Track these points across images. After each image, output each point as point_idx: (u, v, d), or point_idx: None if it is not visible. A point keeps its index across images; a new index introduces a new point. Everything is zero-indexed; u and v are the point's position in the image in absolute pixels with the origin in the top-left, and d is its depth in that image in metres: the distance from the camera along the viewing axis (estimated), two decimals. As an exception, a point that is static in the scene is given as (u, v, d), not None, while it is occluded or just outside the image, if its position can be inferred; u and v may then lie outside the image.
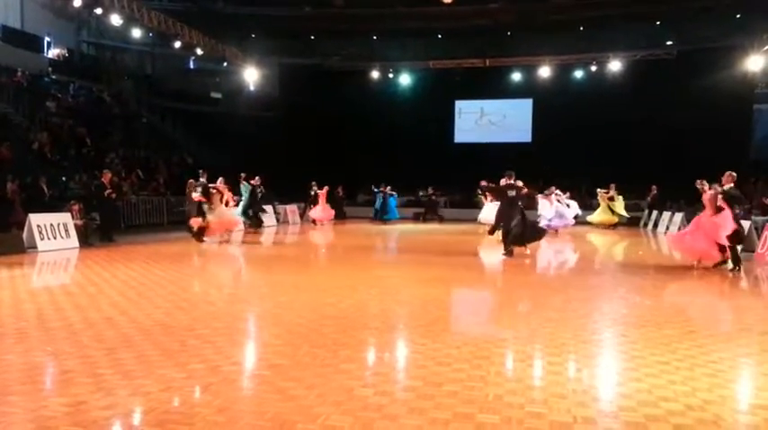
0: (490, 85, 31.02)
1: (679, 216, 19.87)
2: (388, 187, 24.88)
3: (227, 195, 16.04)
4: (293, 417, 3.78)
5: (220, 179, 15.94)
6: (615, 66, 27.94)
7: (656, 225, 22.01)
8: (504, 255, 12.46)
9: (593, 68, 28.88)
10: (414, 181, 28.98)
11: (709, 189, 11.02)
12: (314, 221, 23.11)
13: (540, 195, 18.79)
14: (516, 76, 30.41)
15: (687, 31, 27.59)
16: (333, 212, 23.97)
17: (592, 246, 17.05)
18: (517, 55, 29.55)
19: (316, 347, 5.38)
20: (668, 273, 10.87)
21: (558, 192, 20.06)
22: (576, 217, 20.78)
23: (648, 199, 23.66)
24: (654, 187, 23.32)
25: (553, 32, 28.98)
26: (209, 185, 15.24)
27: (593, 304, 7.80)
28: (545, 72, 28.63)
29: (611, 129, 26.90)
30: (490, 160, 29.43)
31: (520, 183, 13.29)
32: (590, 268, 12.34)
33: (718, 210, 10.58)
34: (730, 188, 10.57)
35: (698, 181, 11.63)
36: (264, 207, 21.50)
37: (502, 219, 13.26)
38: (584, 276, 10.75)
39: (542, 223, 18.39)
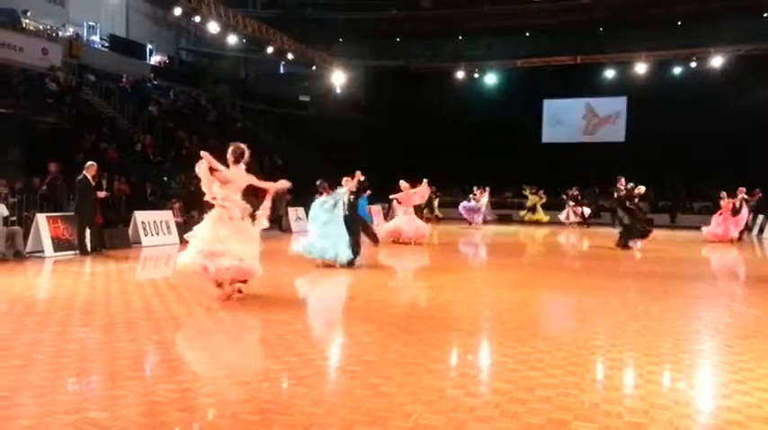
0: (581, 84, 30.09)
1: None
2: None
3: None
4: (386, 414, 3.83)
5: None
6: (717, 61, 26.32)
7: (761, 230, 20.60)
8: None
9: (693, 65, 27.37)
10: (500, 182, 28.56)
11: None
12: None
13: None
14: (609, 74, 29.29)
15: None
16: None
17: (692, 253, 16.17)
18: (610, 51, 28.47)
19: (405, 346, 5.43)
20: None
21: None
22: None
23: (753, 202, 22.14)
24: (758, 190, 21.82)
25: (649, 27, 27.73)
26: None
27: (694, 312, 7.41)
28: (641, 69, 27.40)
29: (711, 130, 25.41)
30: (579, 161, 28.64)
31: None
32: (690, 275, 11.73)
33: None
34: None
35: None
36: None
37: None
38: (685, 283, 10.21)
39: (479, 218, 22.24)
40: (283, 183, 7.93)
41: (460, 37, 31.99)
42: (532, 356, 5.13)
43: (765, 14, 26.51)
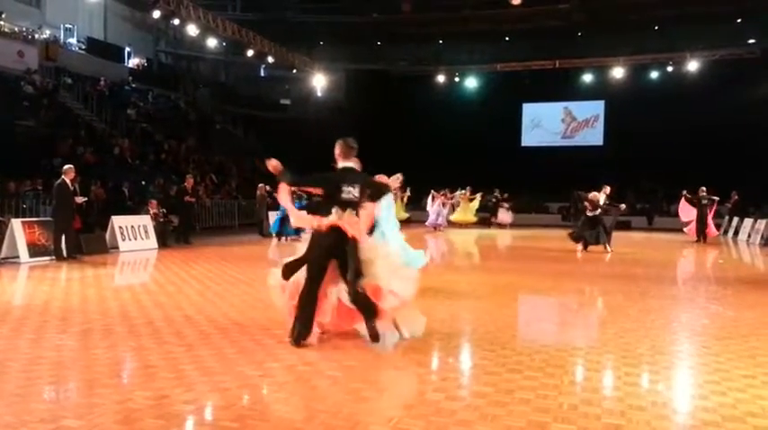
0: (560, 88, 30.44)
1: (762, 223, 18.85)
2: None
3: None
4: (366, 418, 3.82)
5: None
6: (693, 66, 26.80)
7: (736, 232, 20.95)
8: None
9: (670, 69, 27.81)
10: (480, 185, 28.70)
11: None
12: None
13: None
14: (588, 78, 29.68)
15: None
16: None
17: (670, 255, 16.39)
18: (588, 56, 28.83)
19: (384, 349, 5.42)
20: (750, 283, 10.33)
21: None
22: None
23: (729, 205, 22.55)
24: (734, 193, 22.23)
25: (626, 32, 28.12)
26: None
27: (671, 314, 7.50)
28: (618, 73, 27.79)
29: (688, 133, 25.85)
30: (558, 164, 28.94)
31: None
32: (668, 277, 11.88)
33: None
34: None
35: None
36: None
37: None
38: (663, 285, 10.34)
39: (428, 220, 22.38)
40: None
41: (441, 41, 32.15)
42: (512, 359, 5.15)
43: (739, 20, 27.02)
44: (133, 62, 29.15)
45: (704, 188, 18.62)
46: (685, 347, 5.85)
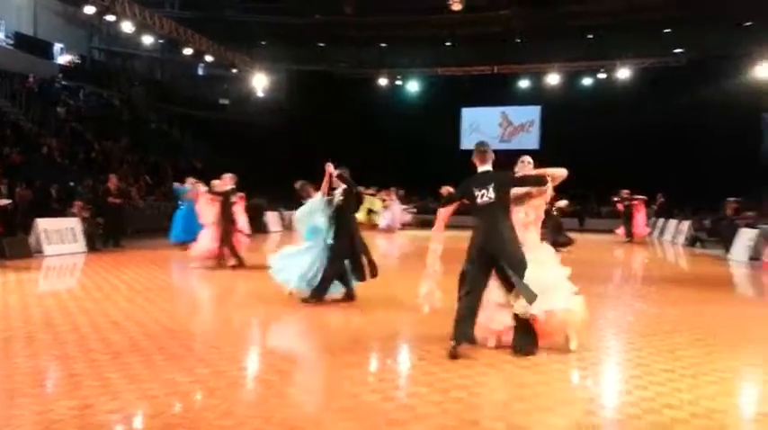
0: (499, 92, 31.06)
1: (686, 224, 19.79)
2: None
3: None
4: (299, 423, 3.79)
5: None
6: (624, 73, 27.87)
7: (662, 233, 21.92)
8: None
9: (602, 76, 28.83)
10: (419, 189, 29.00)
11: None
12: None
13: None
14: (524, 83, 30.40)
15: (697, 39, 27.51)
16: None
17: (599, 256, 16.97)
18: (526, 62, 29.56)
19: (321, 353, 5.40)
20: (674, 282, 10.82)
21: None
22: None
23: (655, 207, 23.58)
24: (660, 195, 23.25)
25: (562, 40, 28.98)
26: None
27: (598, 312, 7.76)
28: (553, 79, 28.60)
29: (619, 137, 26.86)
30: (496, 168, 29.56)
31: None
32: (596, 277, 12.28)
33: None
34: None
35: None
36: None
37: None
38: (590, 284, 10.68)
39: (382, 223, 22.19)
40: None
41: (383, 44, 32.29)
42: (447, 358, 5.21)
43: (666, 30, 28.31)
44: (65, 59, 27.96)
45: (626, 190, 19.51)
46: (611, 343, 6.07)
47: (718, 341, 6.07)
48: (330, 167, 7.74)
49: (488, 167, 5.70)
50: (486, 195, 5.43)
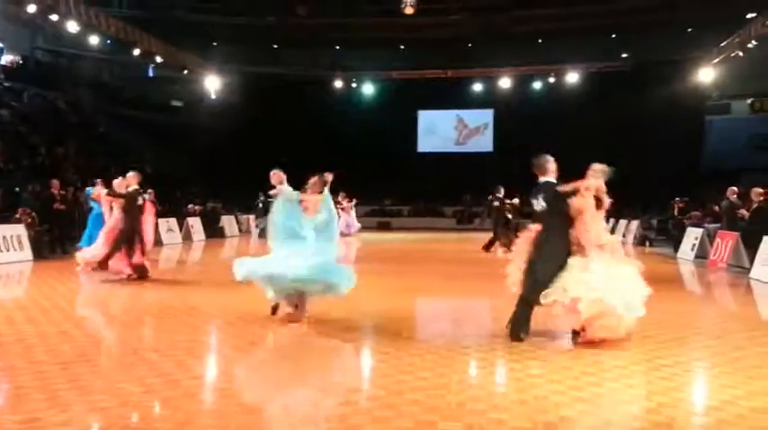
0: (452, 96, 31.38)
1: (635, 223, 20.40)
2: None
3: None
4: (255, 430, 3.74)
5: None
6: (572, 77, 28.54)
7: (612, 233, 22.51)
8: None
9: (552, 80, 29.46)
10: (376, 191, 29.08)
11: None
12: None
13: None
14: (477, 87, 30.81)
15: (641, 45, 28.43)
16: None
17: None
18: (478, 66, 29.98)
19: (278, 359, 5.34)
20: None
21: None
22: None
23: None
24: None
25: (513, 44, 29.51)
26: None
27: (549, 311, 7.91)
28: (505, 83, 29.08)
29: (568, 140, 27.44)
30: (453, 170, 29.90)
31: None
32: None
33: None
34: None
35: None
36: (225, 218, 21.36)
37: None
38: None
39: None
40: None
41: (338, 47, 32.24)
42: (404, 361, 5.23)
43: (613, 35, 29.16)
44: (6, 59, 26.92)
45: None
46: (565, 342, 6.19)
47: (667, 337, 6.26)
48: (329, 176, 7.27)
49: (547, 178, 6.20)
50: (539, 204, 6.07)
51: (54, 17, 21.61)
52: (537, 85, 30.15)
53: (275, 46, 32.36)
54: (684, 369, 5.15)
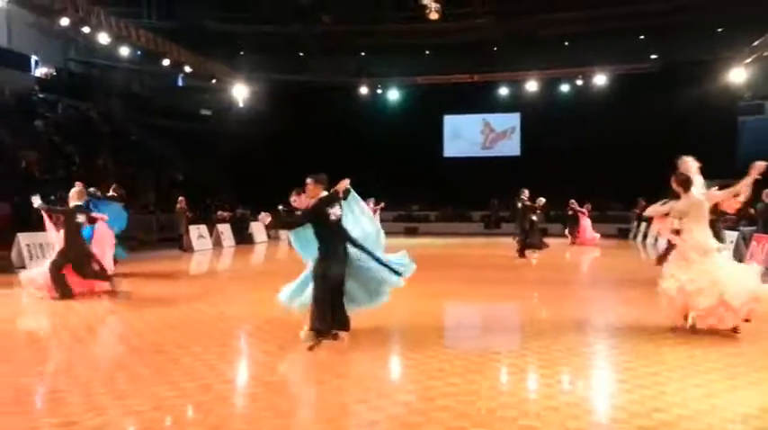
0: (478, 100, 31.30)
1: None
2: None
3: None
4: (287, 435, 3.77)
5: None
6: (600, 80, 28.25)
7: (645, 237, 22.20)
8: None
9: (579, 82, 29.19)
10: (403, 196, 29.06)
11: None
12: None
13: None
14: (504, 91, 30.68)
15: (671, 45, 28.00)
16: None
17: (583, 260, 17.12)
18: (504, 70, 29.85)
19: (308, 364, 5.37)
20: (655, 286, 10.90)
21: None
22: None
23: (637, 211, 23.89)
24: (641, 199, 23.55)
25: (539, 47, 29.30)
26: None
27: (584, 316, 7.83)
28: (532, 86, 28.92)
29: (597, 142, 27.18)
30: (479, 174, 29.76)
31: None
32: (582, 281, 12.41)
33: None
34: None
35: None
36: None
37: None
38: (576, 289, 10.80)
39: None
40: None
41: (363, 53, 32.42)
42: (433, 366, 5.22)
43: (642, 36, 28.76)
44: (41, 71, 27.65)
45: (573, 200, 20.45)
46: (598, 348, 6.12)
47: (702, 343, 6.13)
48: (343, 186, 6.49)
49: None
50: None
51: (86, 29, 22.17)
52: (564, 87, 29.91)
53: (301, 54, 32.65)
54: (721, 375, 5.02)
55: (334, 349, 5.84)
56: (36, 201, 9.45)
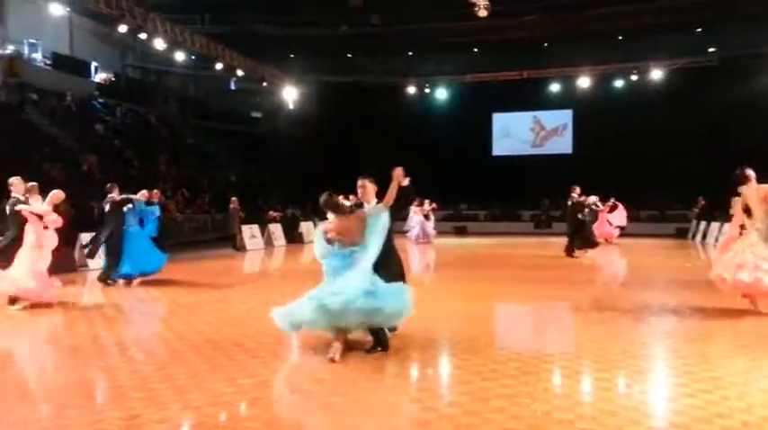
0: (528, 98, 30.88)
1: (727, 226, 19.28)
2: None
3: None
4: (341, 432, 3.81)
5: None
6: (656, 74, 27.44)
7: (704, 236, 21.45)
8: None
9: (634, 78, 28.42)
10: (452, 196, 28.92)
11: None
12: None
13: (411, 207, 19.91)
14: (555, 88, 30.14)
15: (729, 38, 26.91)
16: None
17: (640, 260, 16.65)
18: (555, 66, 29.34)
19: (360, 363, 5.40)
20: (714, 287, 10.53)
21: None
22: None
23: (696, 210, 23.12)
24: (701, 198, 22.78)
25: (591, 43, 28.67)
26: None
27: (641, 318, 7.62)
28: (584, 83, 28.31)
29: (653, 139, 26.43)
30: (529, 173, 29.32)
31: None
32: (638, 282, 12.06)
33: None
34: None
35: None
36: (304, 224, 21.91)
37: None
38: (632, 290, 10.52)
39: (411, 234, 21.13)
40: None
41: (411, 53, 32.41)
42: (486, 367, 5.17)
43: (698, 29, 27.77)
44: (100, 77, 28.72)
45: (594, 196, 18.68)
46: (655, 351, 5.95)
47: (766, 347, 5.89)
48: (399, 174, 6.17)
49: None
50: None
51: (143, 36, 22.96)
52: (618, 83, 29.18)
53: (349, 55, 32.89)
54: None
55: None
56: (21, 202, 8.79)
